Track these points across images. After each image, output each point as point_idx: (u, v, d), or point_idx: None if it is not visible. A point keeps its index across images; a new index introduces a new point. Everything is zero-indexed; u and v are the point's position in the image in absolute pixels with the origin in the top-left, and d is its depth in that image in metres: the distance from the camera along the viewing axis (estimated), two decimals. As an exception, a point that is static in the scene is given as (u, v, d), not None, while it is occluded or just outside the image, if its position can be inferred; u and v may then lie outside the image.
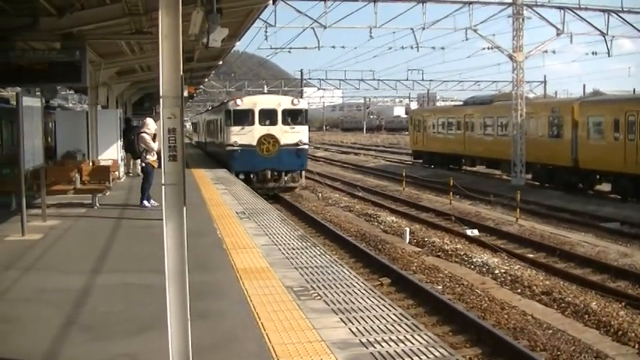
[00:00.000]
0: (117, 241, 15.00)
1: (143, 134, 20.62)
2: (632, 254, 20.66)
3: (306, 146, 34.86)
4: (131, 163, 31.80)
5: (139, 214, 18.80)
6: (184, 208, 6.25)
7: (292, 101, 35.26)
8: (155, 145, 20.43)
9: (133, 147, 24.69)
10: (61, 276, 11.60)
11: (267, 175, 33.64)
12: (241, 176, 32.64)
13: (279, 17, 56.32)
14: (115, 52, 25.93)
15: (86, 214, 19.22)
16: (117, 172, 27.59)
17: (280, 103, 34.56)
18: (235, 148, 33.43)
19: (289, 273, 11.49)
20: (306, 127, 34.83)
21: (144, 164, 20.57)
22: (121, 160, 30.21)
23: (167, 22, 6.04)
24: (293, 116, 34.36)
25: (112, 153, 28.21)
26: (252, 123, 33.58)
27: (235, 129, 33.62)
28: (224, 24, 16.02)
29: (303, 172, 35.28)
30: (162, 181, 6.20)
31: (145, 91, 47.27)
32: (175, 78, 6.07)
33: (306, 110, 35.78)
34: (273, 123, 33.70)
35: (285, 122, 33.84)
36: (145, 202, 20.17)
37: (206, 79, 59.51)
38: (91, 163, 23.55)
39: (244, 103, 34.77)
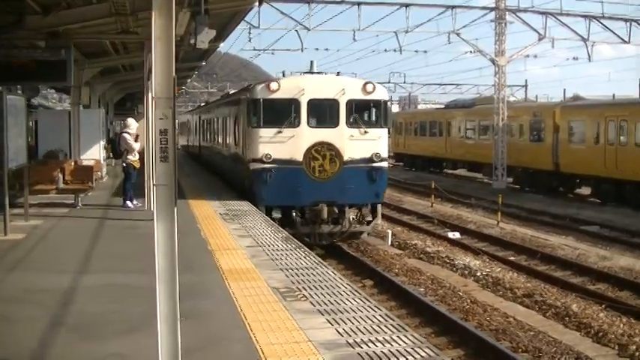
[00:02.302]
0: (101, 242, 14.96)
1: (124, 134, 20.64)
2: (611, 257, 20.90)
3: (386, 164, 21.51)
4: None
5: (122, 214, 18.77)
6: (175, 209, 6.28)
7: (364, 87, 21.18)
8: (137, 146, 20.44)
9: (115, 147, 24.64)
10: (46, 276, 11.56)
11: (322, 212, 20.52)
12: (275, 213, 20.21)
13: (263, 19, 56.19)
14: (99, 52, 25.84)
15: (69, 214, 19.16)
16: (99, 172, 27.49)
17: (344, 89, 20.89)
18: (266, 166, 20.19)
19: (275, 274, 11.52)
20: (385, 133, 21.56)
21: (125, 164, 20.54)
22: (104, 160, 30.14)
23: (160, 24, 6.07)
24: (366, 112, 21.88)
25: (95, 153, 28.10)
26: (295, 123, 20.47)
27: (266, 133, 20.39)
28: (210, 25, 16.03)
29: (380, 208, 22.07)
30: (154, 182, 6.23)
31: (128, 91, 47.07)
32: (168, 79, 6.10)
33: (386, 103, 22.04)
34: (332, 123, 20.80)
35: (352, 122, 20.90)
36: (128, 203, 20.15)
37: (188, 80, 59.38)
38: (73, 163, 23.43)
39: (283, 87, 20.63)
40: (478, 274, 18.65)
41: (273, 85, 20.55)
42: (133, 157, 20.44)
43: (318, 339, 8.07)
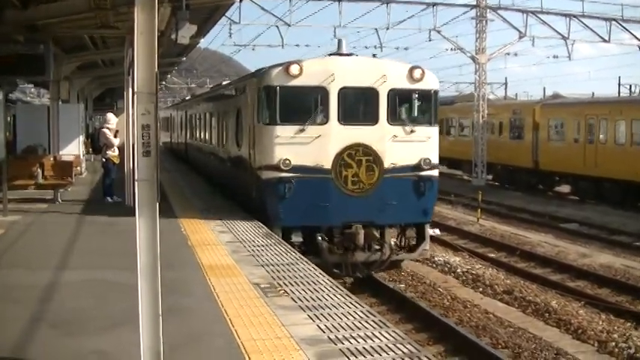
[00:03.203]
0: (81, 237, 14.87)
1: (104, 129, 20.56)
2: (590, 254, 21.06)
3: (436, 172, 17.08)
4: None
5: (102, 210, 18.66)
6: (157, 204, 6.24)
7: (411, 72, 16.71)
8: (116, 141, 20.36)
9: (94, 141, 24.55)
10: (26, 272, 11.48)
11: (357, 236, 16.15)
12: (295, 237, 16.01)
13: (244, 14, 56.15)
14: (78, 46, 25.70)
15: (48, 209, 19.04)
16: (79, 168, 27.34)
17: (386, 75, 16.48)
18: (283, 175, 15.91)
19: (256, 270, 11.50)
20: (436, 132, 17.19)
21: (104, 159, 20.45)
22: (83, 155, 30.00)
23: (142, 18, 6.03)
24: (412, 105, 17.71)
25: (74, 148, 27.96)
26: (321, 119, 16.28)
27: (284, 132, 16.02)
28: (190, 20, 15.98)
29: (428, 229, 17.65)
30: (136, 177, 6.19)
31: (107, 86, 46.87)
32: (150, 74, 6.06)
33: (437, 93, 17.42)
34: (370, 119, 16.46)
35: (395, 118, 16.67)
36: (108, 198, 20.08)
37: (168, 75, 59.20)
38: (52, 158, 23.30)
39: (307, 72, 16.10)
40: (458, 270, 18.74)
41: (294, 69, 15.84)
42: (113, 153, 20.35)
43: (300, 335, 8.07)
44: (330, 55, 17.94)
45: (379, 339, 7.99)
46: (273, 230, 15.50)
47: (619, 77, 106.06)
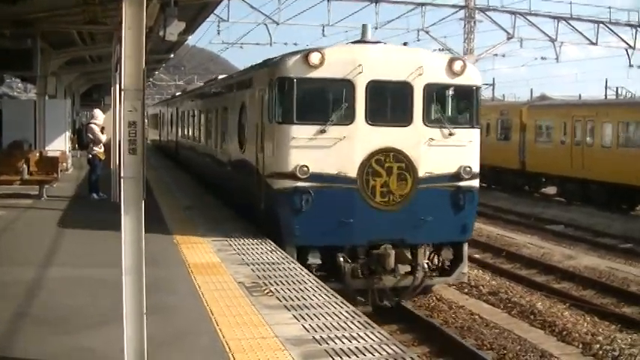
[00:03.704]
0: (66, 234, 14.79)
1: (92, 125, 20.49)
2: (576, 256, 21.11)
3: (477, 183, 14.86)
4: None
5: (88, 206, 18.61)
6: (143, 202, 6.21)
7: (451, 65, 14.52)
8: (103, 137, 20.30)
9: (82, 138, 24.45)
10: (10, 268, 11.41)
11: (387, 257, 14.01)
12: (312, 258, 13.76)
13: (232, 12, 56.02)
14: (66, 42, 25.57)
15: (33, 205, 18.94)
16: (65, 164, 27.22)
17: (422, 67, 14.21)
18: (300, 185, 13.69)
19: (241, 269, 11.46)
20: (477, 135, 14.92)
21: (90, 156, 20.36)
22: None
23: (130, 13, 6.00)
24: (451, 103, 15.51)
25: (60, 144, 27.84)
26: (346, 118, 13.93)
27: (301, 133, 13.76)
28: (179, 17, 15.91)
29: (466, 248, 15.42)
30: (122, 174, 6.16)
31: (94, 82, 46.67)
32: (137, 71, 6.03)
33: (479, 90, 15.44)
34: (403, 119, 14.26)
35: (432, 119, 14.46)
36: (94, 194, 19.99)
37: (156, 72, 59.04)
38: (38, 154, 23.17)
39: (329, 61, 13.80)
40: (444, 271, 18.73)
41: (315, 58, 13.57)
42: (99, 149, 20.27)
43: (285, 334, 8.04)
44: (354, 42, 15.67)
45: (364, 339, 7.97)
46: (285, 250, 13.26)
47: (606, 80, 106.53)
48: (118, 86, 19.01)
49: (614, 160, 30.47)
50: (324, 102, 14.27)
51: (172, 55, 38.57)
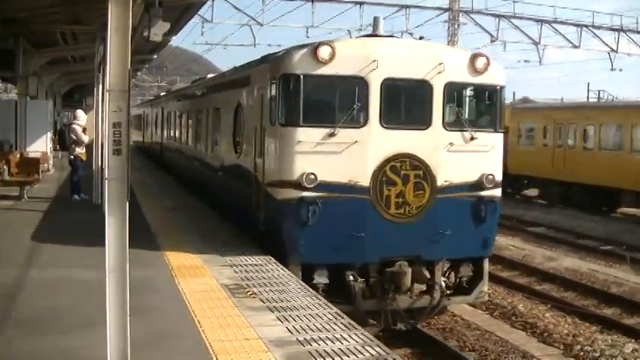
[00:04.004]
0: (47, 235, 14.69)
1: (74, 126, 20.40)
2: (557, 258, 21.23)
3: (499, 192, 13.75)
4: None
5: (69, 207, 18.53)
6: (127, 203, 6.20)
7: (473, 62, 13.27)
8: (85, 138, 20.22)
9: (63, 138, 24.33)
10: (-9, 269, 11.36)
11: (403, 276, 12.86)
12: (319, 277, 12.51)
13: (216, 13, 55.91)
14: (48, 42, 25.40)
15: (14, 206, 18.83)
16: (46, 164, 27.09)
17: (443, 64, 12.99)
18: (306, 195, 12.34)
19: (224, 270, 11.44)
20: (500, 140, 13.88)
21: (72, 157, 20.28)
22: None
23: (116, 14, 5.99)
24: (472, 105, 14.33)
25: (42, 145, 27.71)
26: (359, 120, 12.72)
27: (308, 136, 12.45)
28: (163, 18, 15.85)
29: (487, 265, 14.14)
30: (106, 176, 6.14)
31: (76, 83, 46.42)
32: (123, 71, 6.02)
33: (504, 90, 13.90)
34: (421, 122, 13.07)
35: (451, 121, 13.37)
36: (75, 196, 19.92)
37: (139, 73, 58.84)
38: (19, 155, 23.03)
39: (340, 56, 12.44)
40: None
41: (324, 52, 12.23)
42: (81, 150, 20.20)
43: (269, 336, 8.05)
44: (365, 37, 14.37)
45: (348, 341, 8.00)
46: (289, 267, 12.06)
47: (588, 83, 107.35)
48: (101, 87, 18.97)
49: (596, 163, 30.67)
50: (334, 102, 12.95)
51: (155, 56, 38.44)
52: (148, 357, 7.27)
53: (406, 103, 13.44)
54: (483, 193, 13.19)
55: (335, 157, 12.30)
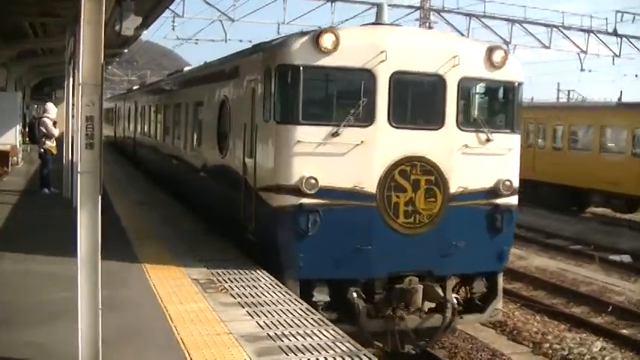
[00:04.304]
0: (17, 229, 14.56)
1: (45, 119, 20.22)
2: (527, 257, 21.44)
3: (516, 199, 12.42)
4: None
5: (39, 201, 18.38)
6: (100, 197, 6.17)
7: (490, 55, 11.96)
8: (56, 132, 20.09)
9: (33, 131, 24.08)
10: (-41, 262, 11.24)
11: (414, 293, 11.61)
12: (319, 294, 11.26)
13: (187, 8, 55.64)
14: (17, 34, 25.17)
15: (-18, 199, 18.64)
16: (15, 158, 26.85)
17: (458, 57, 11.67)
18: (306, 202, 11.01)
19: (195, 266, 11.38)
20: (517, 142, 12.53)
21: (42, 150, 20.13)
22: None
23: (89, 8, 5.94)
24: (488, 103, 13.15)
25: (11, 138, 27.42)
26: (365, 117, 11.32)
27: (309, 136, 11.07)
28: (135, 12, 15.76)
29: (501, 279, 12.88)
30: (78, 169, 6.10)
31: (45, 76, 46.04)
32: (96, 65, 5.98)
33: (521, 86, 12.56)
34: (433, 121, 11.82)
35: (466, 120, 12.14)
36: (45, 189, 19.76)
37: (109, 67, 58.48)
38: (-13, 148, 22.85)
39: (345, 46, 11.04)
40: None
41: (327, 40, 10.91)
42: (51, 143, 20.05)
43: (240, 331, 8.05)
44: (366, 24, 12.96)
45: (319, 337, 8.01)
46: (286, 284, 10.72)
47: (558, 83, 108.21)
48: (71, 80, 18.82)
49: (565, 163, 30.95)
50: (338, 97, 11.76)
51: (126, 50, 38.20)
52: (120, 351, 7.22)
53: (417, 99, 12.11)
54: (499, 200, 11.95)
55: (338, 160, 11.02)
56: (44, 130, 19.92)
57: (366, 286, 11.43)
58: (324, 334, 8.12)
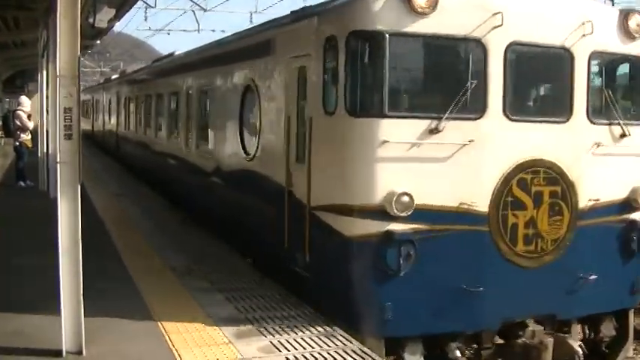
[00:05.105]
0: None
1: (19, 112, 20.24)
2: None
3: None
4: None
5: (15, 194, 18.41)
6: (79, 187, 6.33)
7: (625, 22, 8.82)
8: (30, 124, 20.12)
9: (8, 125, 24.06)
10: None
11: (544, 351, 8.39)
12: (412, 356, 8.07)
13: (160, -2, 55.39)
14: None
15: (-44, 193, 18.63)
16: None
17: (590, 23, 8.51)
18: (394, 229, 7.72)
19: (173, 254, 11.53)
20: None
21: (17, 143, 20.15)
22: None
23: (65, 2, 6.09)
24: (622, 86, 9.70)
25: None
26: (473, 107, 8.07)
27: (396, 134, 7.76)
28: (108, 4, 15.82)
29: (632, 317, 9.74)
30: (57, 159, 6.27)
31: (18, 68, 45.79)
32: (73, 57, 6.15)
33: None
34: (558, 111, 8.69)
35: (598, 109, 8.92)
36: (21, 182, 19.79)
37: (81, 59, 58.20)
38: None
39: (445, 6, 7.77)
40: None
41: None
42: (27, 136, 20.08)
43: (219, 315, 8.24)
44: None
45: (295, 318, 8.22)
46: (365, 342, 7.70)
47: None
48: (45, 72, 18.85)
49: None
50: (437, 78, 8.58)
51: (99, 42, 38.10)
52: (103, 336, 7.37)
53: (538, 81, 9.27)
54: (634, 215, 9.20)
55: (438, 167, 8.04)
56: (19, 123, 19.94)
57: (470, 339, 8.62)
58: (300, 316, 8.30)
